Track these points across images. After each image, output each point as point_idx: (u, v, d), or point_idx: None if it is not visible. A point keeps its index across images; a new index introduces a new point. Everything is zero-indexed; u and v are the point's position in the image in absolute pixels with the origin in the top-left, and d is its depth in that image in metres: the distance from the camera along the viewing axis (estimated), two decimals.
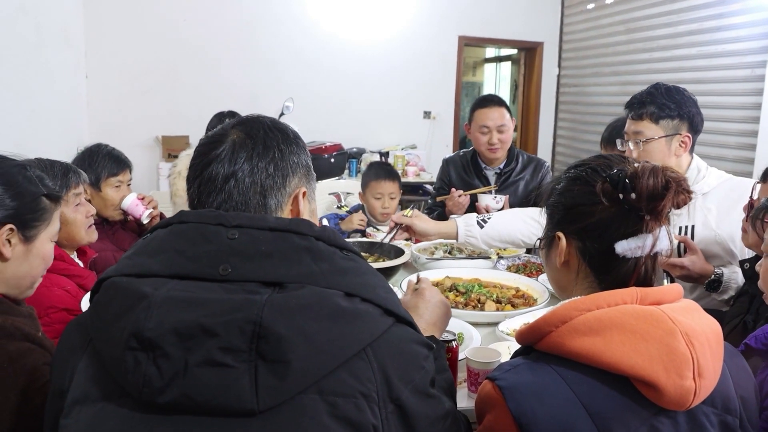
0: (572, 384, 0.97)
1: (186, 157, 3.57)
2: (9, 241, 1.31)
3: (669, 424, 0.98)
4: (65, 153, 2.69)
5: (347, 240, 2.76)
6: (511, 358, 1.14)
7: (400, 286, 2.18)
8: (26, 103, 4.00)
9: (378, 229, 3.08)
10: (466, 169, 3.27)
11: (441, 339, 1.50)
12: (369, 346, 0.88)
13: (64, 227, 1.87)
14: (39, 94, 4.27)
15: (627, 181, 1.04)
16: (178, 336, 0.82)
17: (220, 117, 3.45)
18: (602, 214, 1.07)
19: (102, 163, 2.62)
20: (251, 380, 0.81)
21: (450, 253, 2.69)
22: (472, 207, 3.09)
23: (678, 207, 1.05)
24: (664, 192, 1.02)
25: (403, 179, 6.06)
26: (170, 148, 5.80)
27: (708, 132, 4.63)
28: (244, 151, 1.01)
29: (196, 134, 5.78)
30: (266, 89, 5.93)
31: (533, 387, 0.98)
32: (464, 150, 3.38)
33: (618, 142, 2.32)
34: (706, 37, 4.92)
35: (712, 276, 2.00)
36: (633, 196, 1.03)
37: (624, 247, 1.05)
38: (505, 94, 9.27)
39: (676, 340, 0.96)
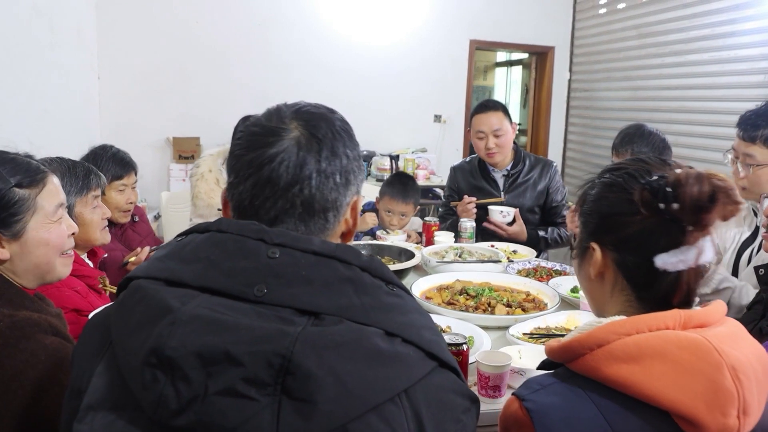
0: (606, 413, 0.90)
1: (209, 158, 3.57)
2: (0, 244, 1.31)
3: None
4: (77, 153, 2.69)
5: (359, 243, 2.78)
6: (538, 368, 1.08)
7: (410, 288, 2.18)
8: (39, 103, 4.03)
9: (388, 232, 3.08)
10: (473, 174, 3.28)
11: (452, 342, 1.49)
12: (404, 392, 0.81)
13: (81, 228, 1.89)
14: (52, 94, 4.31)
15: (669, 189, 0.95)
16: (200, 359, 0.77)
17: (245, 121, 3.45)
18: (641, 224, 0.99)
19: (106, 166, 2.61)
20: (273, 416, 0.75)
21: (460, 256, 2.69)
22: (484, 217, 3.09)
23: (725, 219, 0.96)
24: (711, 203, 0.94)
25: None
26: (181, 149, 5.81)
27: (720, 138, 4.62)
28: (311, 155, 0.93)
29: (207, 136, 5.82)
30: (277, 91, 5.93)
31: (564, 412, 0.92)
32: (471, 156, 3.39)
33: (726, 156, 2.15)
34: (718, 42, 4.90)
35: None
36: (675, 206, 0.94)
37: (665, 260, 0.97)
38: (516, 99, 9.27)
39: (722, 375, 0.88)
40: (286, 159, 0.92)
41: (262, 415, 0.75)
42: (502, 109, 3.16)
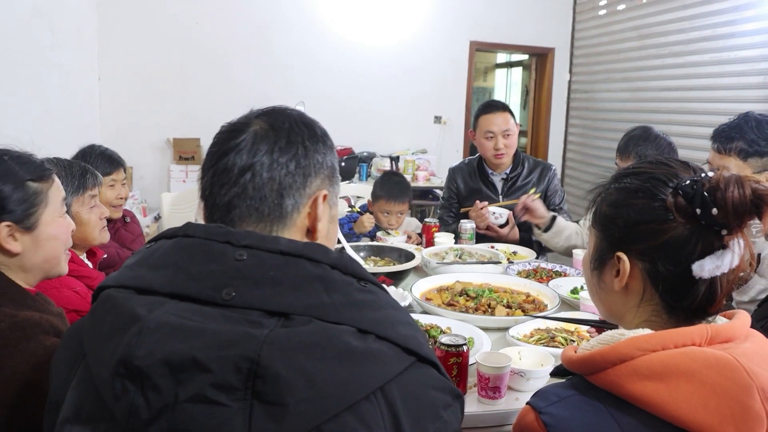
0: (626, 430, 0.87)
1: None
2: (13, 237, 1.32)
3: None
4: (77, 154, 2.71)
5: (359, 244, 2.78)
6: (552, 374, 1.04)
7: (410, 290, 2.18)
8: (39, 104, 4.03)
9: (389, 233, 3.08)
10: (472, 177, 3.27)
11: (452, 343, 1.50)
12: (380, 389, 0.79)
13: (79, 227, 1.91)
14: (52, 94, 4.31)
15: (706, 194, 0.91)
16: (169, 367, 0.75)
17: None
18: (675, 231, 0.94)
19: (95, 162, 2.66)
20: (245, 421, 0.74)
21: (460, 257, 2.69)
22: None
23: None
24: (758, 206, 0.89)
25: (412, 183, 6.09)
26: (181, 150, 5.82)
27: None
28: (266, 143, 0.94)
29: (208, 137, 5.73)
30: (278, 92, 5.94)
31: (582, 427, 0.88)
32: (470, 157, 3.39)
33: (704, 167, 2.21)
34: (718, 43, 4.90)
35: (741, 273, 1.97)
36: (715, 211, 0.90)
37: (702, 267, 0.93)
38: (516, 100, 9.28)
39: (752, 398, 0.85)
40: (242, 148, 0.94)
41: (234, 420, 0.74)
42: (509, 110, 3.16)
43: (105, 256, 2.32)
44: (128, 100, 5.78)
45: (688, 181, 0.95)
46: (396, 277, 2.36)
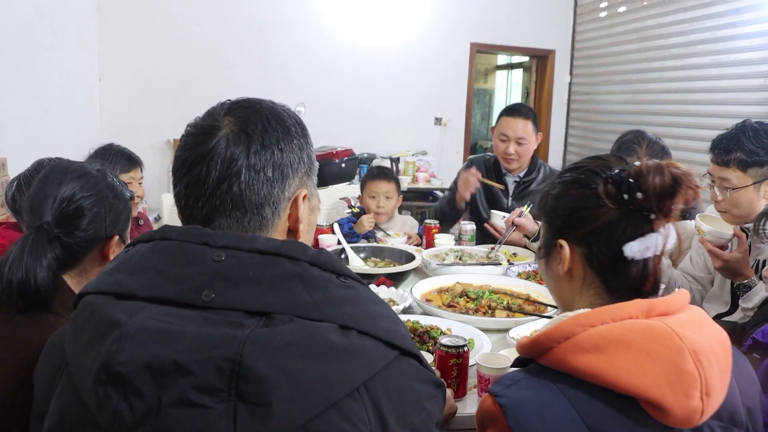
0: (575, 402, 0.94)
1: None
2: (114, 251, 1.37)
3: None
4: (78, 154, 2.70)
5: (359, 245, 2.78)
6: (512, 366, 1.12)
7: (410, 291, 2.18)
8: (40, 104, 4.04)
9: (389, 234, 3.08)
10: (488, 171, 3.28)
11: (452, 344, 1.50)
12: (363, 385, 0.80)
13: None
14: (53, 95, 4.32)
15: (631, 180, 1.00)
16: (150, 372, 0.75)
17: None
18: (607, 216, 1.03)
19: (114, 160, 2.69)
20: (229, 422, 0.74)
21: (461, 259, 2.69)
22: (484, 219, 3.09)
23: (687, 204, 1.00)
24: (674, 189, 0.98)
25: (413, 185, 6.12)
26: None
27: None
28: (240, 149, 0.90)
29: None
30: (278, 93, 5.88)
31: (534, 405, 0.95)
32: (490, 153, 3.39)
33: (703, 181, 2.16)
34: (718, 45, 4.90)
35: (746, 280, 1.99)
36: (639, 195, 0.99)
37: (633, 249, 1.02)
38: (516, 101, 9.28)
39: (684, 359, 0.92)
40: (215, 156, 0.90)
41: (219, 422, 0.74)
42: (533, 118, 3.13)
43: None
44: (129, 100, 5.79)
45: (616, 171, 1.04)
46: (396, 279, 2.36)
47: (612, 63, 6.38)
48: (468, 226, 2.97)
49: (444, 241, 2.91)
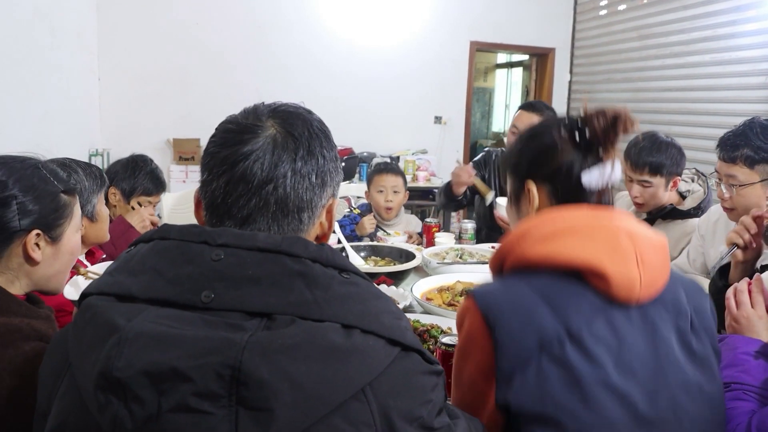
0: (531, 281, 1.09)
1: None
2: (37, 245, 1.31)
3: (622, 318, 1.08)
4: (77, 154, 2.72)
5: (359, 244, 2.77)
6: None
7: (411, 290, 2.18)
8: (40, 105, 4.03)
9: (389, 233, 3.08)
10: (495, 168, 3.31)
11: (453, 343, 1.49)
12: (368, 385, 0.79)
13: (99, 224, 2.06)
14: (52, 95, 4.31)
15: (580, 123, 1.20)
16: (149, 378, 0.74)
17: None
18: (565, 155, 1.20)
19: (142, 179, 2.71)
20: (231, 428, 0.73)
21: (461, 257, 2.68)
22: (488, 209, 3.09)
23: (626, 132, 1.17)
24: (614, 124, 1.16)
25: (413, 184, 6.11)
26: (181, 150, 5.82)
27: None
28: (287, 154, 0.90)
29: (208, 137, 5.75)
30: (277, 93, 5.89)
31: (501, 293, 1.10)
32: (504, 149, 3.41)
33: (710, 178, 2.13)
34: (719, 44, 4.90)
35: None
36: (588, 133, 1.18)
37: (589, 177, 1.18)
38: (516, 100, 9.28)
39: (618, 237, 1.10)
40: (261, 156, 0.89)
41: (220, 427, 0.73)
42: (547, 114, 3.06)
43: (104, 256, 2.32)
44: (128, 100, 5.78)
45: (568, 119, 1.24)
46: (396, 277, 2.36)
47: (612, 61, 6.37)
48: (468, 225, 2.96)
49: (444, 239, 2.90)
